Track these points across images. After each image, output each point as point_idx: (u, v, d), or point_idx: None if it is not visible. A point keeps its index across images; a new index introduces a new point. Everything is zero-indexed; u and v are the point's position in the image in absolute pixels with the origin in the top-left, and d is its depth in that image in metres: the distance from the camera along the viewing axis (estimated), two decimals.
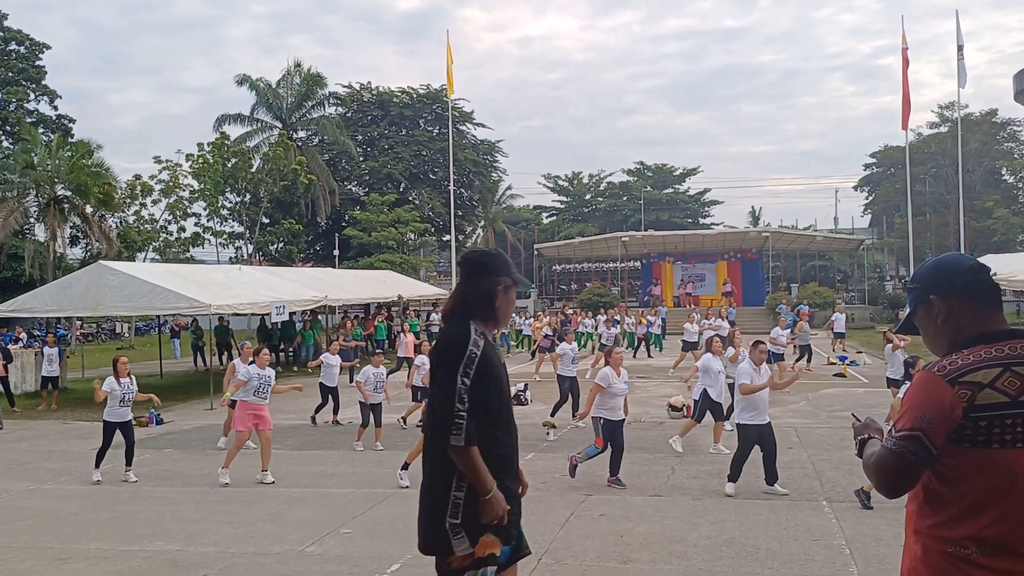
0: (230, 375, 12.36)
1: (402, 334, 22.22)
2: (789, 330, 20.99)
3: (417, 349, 19.55)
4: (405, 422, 14.01)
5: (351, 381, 17.54)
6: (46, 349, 19.27)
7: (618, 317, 27.90)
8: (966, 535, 2.27)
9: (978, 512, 2.26)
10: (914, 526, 2.42)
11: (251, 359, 11.14)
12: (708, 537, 7.59)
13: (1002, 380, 2.27)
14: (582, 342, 27.56)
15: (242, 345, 13.54)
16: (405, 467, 9.85)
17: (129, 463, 10.70)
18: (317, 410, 15.00)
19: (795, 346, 23.05)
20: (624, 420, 9.93)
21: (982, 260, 2.70)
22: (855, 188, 68.31)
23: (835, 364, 21.83)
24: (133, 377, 10.75)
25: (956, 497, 2.30)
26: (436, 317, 29.34)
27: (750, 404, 9.17)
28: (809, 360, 21.91)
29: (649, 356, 26.49)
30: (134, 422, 11.03)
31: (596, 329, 27.23)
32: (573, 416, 13.76)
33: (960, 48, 35.64)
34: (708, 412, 11.58)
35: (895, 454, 2.31)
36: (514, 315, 28.19)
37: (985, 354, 2.32)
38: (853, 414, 2.80)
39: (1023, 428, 2.24)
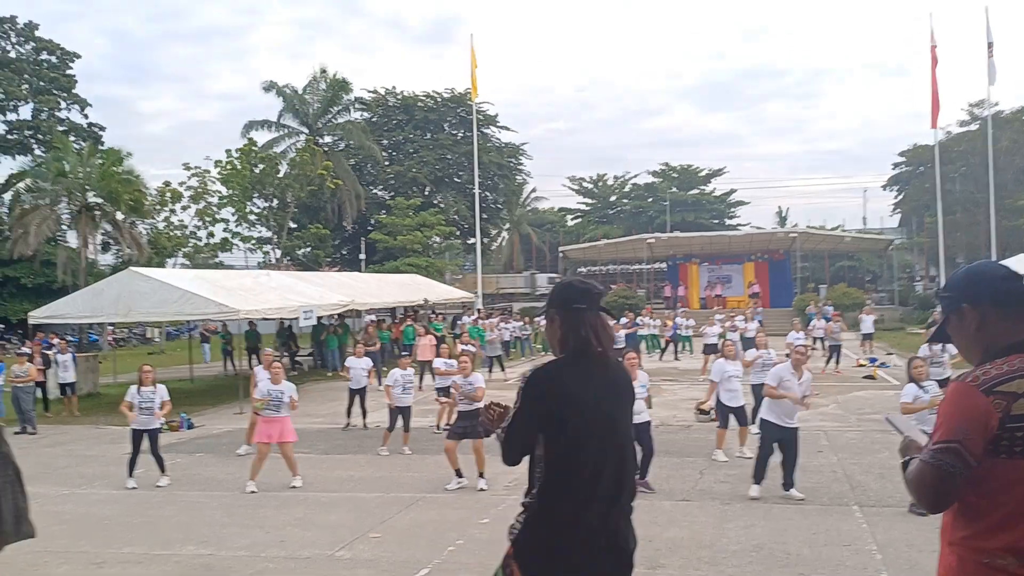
0: (254, 381, 12.66)
1: (418, 337, 22.08)
2: (810, 325, 20.96)
3: (436, 352, 19.48)
4: (439, 428, 13.97)
5: (379, 384, 17.59)
6: (59, 356, 19.06)
7: (640, 320, 27.77)
8: (1002, 546, 2.24)
9: (1015, 523, 2.24)
10: (949, 538, 2.39)
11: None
12: (737, 542, 7.56)
13: None
14: None
15: (264, 352, 13.65)
16: (481, 475, 9.95)
17: (162, 470, 10.77)
18: (348, 413, 15.02)
19: (823, 345, 23.00)
20: (650, 423, 9.90)
21: (1013, 260, 2.66)
22: (884, 188, 67.22)
23: (865, 366, 21.61)
24: (158, 386, 10.70)
25: (992, 508, 2.27)
26: (467, 319, 29.27)
27: (776, 404, 9.09)
28: (838, 362, 21.74)
29: (676, 359, 26.35)
30: (164, 428, 11.02)
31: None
32: None
33: (990, 45, 35.14)
34: (732, 416, 11.47)
35: (934, 468, 2.28)
36: (539, 318, 28.08)
37: (1019, 363, 2.29)
38: (887, 418, 2.78)
39: None
